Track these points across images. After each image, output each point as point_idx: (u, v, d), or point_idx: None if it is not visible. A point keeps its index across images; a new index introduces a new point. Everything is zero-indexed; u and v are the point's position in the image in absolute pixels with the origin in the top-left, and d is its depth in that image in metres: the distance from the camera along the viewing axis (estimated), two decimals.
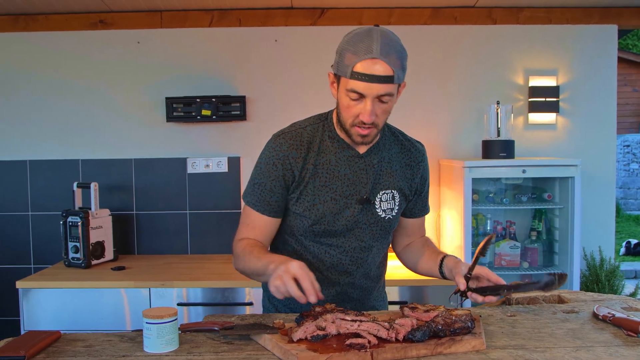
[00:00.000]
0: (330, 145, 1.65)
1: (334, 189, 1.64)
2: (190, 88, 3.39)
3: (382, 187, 1.69)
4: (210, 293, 2.85)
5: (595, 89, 3.43)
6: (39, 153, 3.44)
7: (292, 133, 1.65)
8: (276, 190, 1.64)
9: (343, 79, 1.52)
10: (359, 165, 1.66)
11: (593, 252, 3.33)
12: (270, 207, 1.65)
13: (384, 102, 1.51)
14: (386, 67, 1.46)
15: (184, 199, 3.45)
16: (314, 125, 1.68)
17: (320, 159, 1.64)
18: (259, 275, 1.57)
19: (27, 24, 3.38)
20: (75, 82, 3.42)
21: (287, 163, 1.62)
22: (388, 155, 1.71)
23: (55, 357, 1.31)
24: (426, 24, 3.43)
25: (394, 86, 1.50)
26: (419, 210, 1.84)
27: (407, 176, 1.74)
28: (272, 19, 3.42)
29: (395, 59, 1.48)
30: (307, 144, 1.64)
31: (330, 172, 1.64)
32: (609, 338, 1.39)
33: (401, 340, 1.30)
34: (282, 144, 1.63)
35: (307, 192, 1.63)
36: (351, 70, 1.48)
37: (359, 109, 1.51)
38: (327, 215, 1.64)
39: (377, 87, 1.47)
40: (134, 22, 3.40)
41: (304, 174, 1.63)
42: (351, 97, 1.51)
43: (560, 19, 3.40)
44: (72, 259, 3.10)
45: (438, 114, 3.44)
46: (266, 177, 1.64)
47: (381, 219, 1.70)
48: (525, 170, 2.93)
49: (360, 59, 1.46)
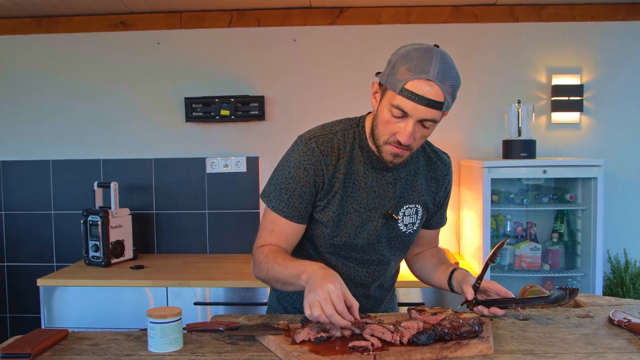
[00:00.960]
0: (360, 155, 1.58)
1: (358, 200, 1.58)
2: (209, 88, 3.40)
3: (406, 202, 1.63)
4: (227, 293, 2.86)
5: (621, 87, 3.34)
6: (62, 153, 3.50)
7: (323, 137, 1.56)
8: (306, 197, 1.56)
9: (389, 93, 1.44)
10: (386, 179, 1.60)
11: (618, 255, 3.25)
12: (298, 214, 1.57)
13: (425, 127, 1.45)
14: (439, 92, 1.39)
15: (203, 199, 3.47)
16: (345, 132, 1.59)
17: (350, 169, 1.57)
18: (285, 284, 1.49)
19: (50, 26, 3.44)
20: (96, 83, 3.47)
21: (320, 169, 1.54)
22: (415, 168, 1.65)
23: (61, 355, 1.32)
24: (446, 23, 3.38)
25: (439, 113, 1.43)
26: (436, 222, 1.79)
27: (432, 189, 1.69)
28: (290, 19, 3.42)
29: (449, 86, 1.41)
30: (337, 151, 1.56)
31: (357, 184, 1.58)
32: (623, 344, 1.34)
33: (405, 343, 1.28)
34: (314, 148, 1.54)
35: (334, 202, 1.57)
36: (402, 86, 1.40)
37: (399, 127, 1.44)
38: (349, 227, 1.59)
39: (424, 110, 1.40)
40: (154, 23, 3.43)
41: (333, 182, 1.56)
42: (394, 114, 1.43)
43: (585, 16, 3.32)
44: (92, 257, 3.14)
45: (458, 114, 3.39)
46: (296, 183, 1.55)
47: (402, 234, 1.65)
48: (546, 171, 2.87)
49: (414, 77, 1.38)
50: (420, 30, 3.37)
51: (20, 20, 3.44)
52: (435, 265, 1.76)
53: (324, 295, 1.29)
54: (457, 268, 1.66)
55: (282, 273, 1.48)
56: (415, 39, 1.70)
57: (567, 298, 1.49)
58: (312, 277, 1.36)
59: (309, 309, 1.30)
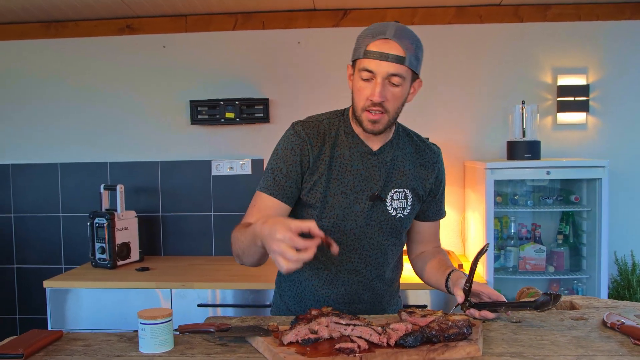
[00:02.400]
0: (345, 140, 1.66)
1: (345, 183, 1.64)
2: (214, 91, 3.43)
3: (394, 185, 1.68)
4: (231, 295, 2.87)
5: (627, 87, 3.31)
6: (69, 156, 3.54)
7: (310, 123, 1.67)
8: (292, 176, 1.63)
9: (357, 63, 1.56)
10: (371, 162, 1.66)
11: (625, 257, 3.21)
12: (283, 192, 1.62)
13: (394, 84, 1.53)
14: (398, 47, 1.50)
15: (209, 201, 3.49)
16: (331, 119, 1.69)
17: (335, 152, 1.65)
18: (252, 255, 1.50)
19: (58, 31, 3.49)
20: (103, 86, 3.51)
21: (305, 149, 1.63)
22: (402, 154, 1.70)
23: (54, 355, 1.33)
24: (450, 24, 3.38)
25: (405, 69, 1.52)
26: (433, 214, 1.81)
27: (421, 176, 1.73)
28: (295, 21, 3.43)
29: (408, 44, 1.52)
30: (323, 136, 1.65)
31: (343, 167, 1.64)
32: (614, 347, 1.33)
33: (393, 345, 1.28)
34: (300, 131, 1.64)
35: (320, 184, 1.63)
36: (364, 49, 1.53)
37: (370, 89, 1.53)
38: (336, 208, 1.64)
39: (387, 65, 1.50)
40: (160, 27, 3.46)
41: (318, 164, 1.63)
42: (363, 77, 1.54)
43: (590, 16, 3.29)
44: (98, 259, 3.17)
45: (463, 115, 3.38)
46: (283, 162, 1.63)
47: (392, 217, 1.68)
48: (549, 172, 2.85)
49: (374, 39, 1.52)
50: (424, 31, 3.32)
51: (29, 25, 3.49)
52: (435, 266, 1.76)
53: (279, 248, 1.28)
54: (454, 270, 1.66)
55: (244, 243, 1.50)
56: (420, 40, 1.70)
57: (550, 304, 1.48)
58: (263, 238, 1.35)
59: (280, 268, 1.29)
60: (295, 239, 1.28)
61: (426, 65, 3.32)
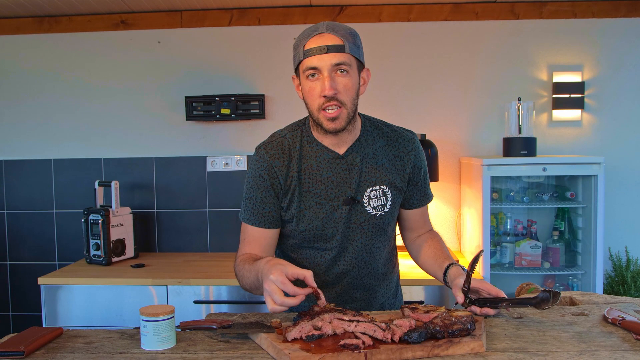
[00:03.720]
0: (310, 150, 1.64)
1: (317, 193, 1.63)
2: (209, 87, 3.41)
3: (368, 185, 1.65)
4: (227, 291, 2.86)
5: (623, 84, 3.33)
6: (63, 152, 3.51)
7: (272, 143, 1.65)
8: (267, 201, 1.64)
9: (300, 67, 1.55)
10: (341, 167, 1.64)
11: (619, 253, 3.23)
12: (264, 219, 1.65)
13: (342, 72, 1.51)
14: (334, 37, 1.51)
15: (204, 197, 3.48)
16: (293, 132, 1.67)
17: (302, 165, 1.63)
18: (257, 289, 1.54)
19: (52, 26, 3.45)
20: (97, 82, 3.48)
21: (273, 172, 1.62)
22: (372, 150, 1.67)
23: (55, 353, 1.32)
24: (446, 20, 3.37)
25: (347, 56, 1.51)
26: (418, 200, 1.77)
27: (398, 168, 1.69)
28: (291, 17, 3.42)
29: (343, 33, 1.52)
30: (288, 152, 1.63)
31: (312, 177, 1.63)
32: (616, 342, 1.34)
33: (397, 341, 1.28)
34: (264, 155, 1.64)
35: (294, 200, 1.63)
36: (302, 50, 1.52)
37: (320, 86, 1.51)
38: (314, 220, 1.63)
39: (329, 57, 1.50)
40: (155, 22, 3.43)
41: (289, 182, 1.63)
42: (309, 76, 1.52)
43: (586, 13, 3.30)
44: (93, 256, 3.15)
45: (459, 112, 3.39)
46: (255, 190, 1.64)
47: (372, 217, 1.66)
48: (545, 168, 2.86)
49: (309, 38, 1.52)
50: (420, 27, 3.36)
51: (22, 20, 3.46)
52: (431, 256, 1.75)
53: (270, 288, 1.36)
54: (452, 264, 1.66)
55: (250, 279, 1.55)
56: (416, 37, 1.72)
57: (550, 301, 1.48)
58: (261, 276, 1.43)
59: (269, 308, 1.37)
60: (286, 284, 1.36)
61: (422, 62, 3.36)
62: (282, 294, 1.35)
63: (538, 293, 1.54)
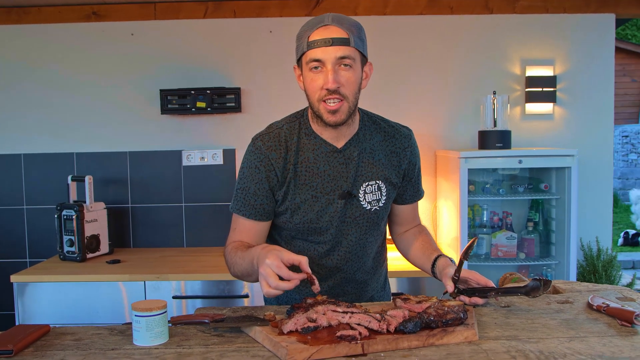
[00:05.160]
0: (307, 143, 1.63)
1: (314, 186, 1.62)
2: (184, 80, 3.37)
3: (365, 179, 1.65)
4: (206, 286, 2.84)
5: (593, 78, 3.41)
6: (34, 146, 3.42)
7: (269, 134, 1.63)
8: (260, 193, 1.62)
9: (303, 58, 1.53)
10: (338, 160, 1.63)
11: (590, 243, 3.32)
12: (255, 211, 1.64)
13: (345, 68, 1.51)
14: (339, 30, 1.49)
15: (179, 192, 3.43)
16: (291, 124, 1.65)
17: (299, 158, 1.62)
18: (250, 276, 1.54)
19: (20, 17, 3.36)
20: (69, 74, 3.40)
21: (269, 164, 1.61)
22: (369, 145, 1.67)
23: (44, 351, 1.29)
24: (422, 14, 3.40)
25: (352, 50, 1.50)
26: (410, 196, 1.79)
27: (394, 163, 1.70)
28: (267, 10, 3.40)
29: (349, 26, 1.51)
30: (285, 144, 1.62)
31: (309, 170, 1.62)
32: (603, 328, 1.38)
33: (392, 331, 1.29)
34: (260, 146, 1.62)
35: (289, 192, 1.62)
36: (307, 42, 1.50)
37: (322, 79, 1.50)
38: (309, 213, 1.63)
39: (333, 49, 1.48)
40: (128, 14, 3.37)
41: (285, 174, 1.62)
42: (312, 68, 1.51)
43: (557, 8, 3.37)
44: (67, 252, 3.09)
45: (435, 105, 3.42)
46: (249, 181, 1.63)
47: (367, 212, 1.67)
48: (521, 161, 2.91)
49: (314, 29, 1.50)
50: (396, 21, 3.38)
51: None
52: (419, 248, 1.77)
53: (266, 272, 1.37)
54: (440, 255, 1.68)
55: (243, 265, 1.55)
56: (392, 30, 1.73)
57: (541, 289, 1.52)
58: (257, 261, 1.43)
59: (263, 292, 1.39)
60: (281, 267, 1.37)
61: (398, 55, 3.38)
62: (277, 277, 1.36)
63: (525, 282, 1.57)
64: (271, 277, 1.36)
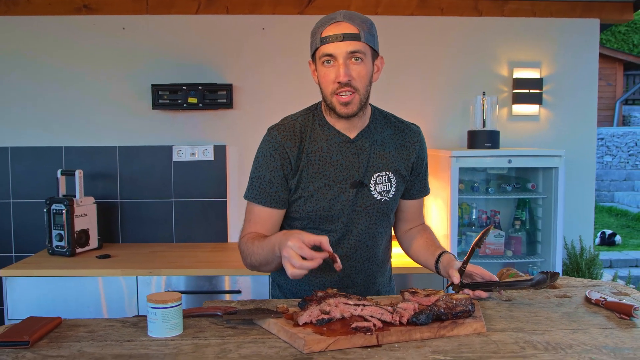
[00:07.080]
0: (321, 133, 1.68)
1: (327, 175, 1.66)
2: (176, 75, 3.36)
3: (376, 170, 1.70)
4: (198, 281, 2.85)
5: (577, 81, 3.50)
6: (21, 140, 3.38)
7: (284, 125, 1.70)
8: (275, 181, 1.66)
9: (317, 53, 1.60)
10: (350, 150, 1.68)
11: (573, 242, 3.41)
12: (270, 198, 1.67)
13: (356, 62, 1.57)
14: (351, 26, 1.56)
15: (170, 187, 3.43)
16: (305, 116, 1.72)
17: (312, 147, 1.67)
18: (269, 264, 1.58)
19: (9, 8, 3.31)
20: (58, 67, 3.37)
21: (284, 152, 1.66)
22: (380, 137, 1.73)
23: (60, 342, 1.30)
24: (413, 15, 3.45)
25: (362, 44, 1.57)
26: (418, 191, 1.84)
27: (403, 157, 1.75)
28: (260, 7, 3.41)
29: (360, 22, 1.57)
30: (299, 134, 1.68)
31: (322, 159, 1.67)
32: (603, 321, 1.43)
33: (405, 323, 1.33)
34: (276, 135, 1.67)
35: (302, 181, 1.66)
36: (320, 38, 1.57)
37: (334, 72, 1.57)
38: (321, 201, 1.67)
39: (345, 44, 1.55)
40: (119, 8, 3.35)
41: (299, 163, 1.66)
42: (325, 62, 1.58)
43: (545, 12, 3.45)
44: (56, 247, 3.06)
45: (425, 105, 3.47)
46: (265, 169, 1.67)
47: (377, 202, 1.71)
48: (511, 160, 2.98)
49: (326, 26, 1.57)
50: (387, 21, 3.42)
51: None
52: (423, 245, 1.82)
53: (289, 253, 1.41)
54: (444, 252, 1.72)
55: (262, 254, 1.58)
56: (383, 30, 1.80)
57: (547, 281, 1.57)
58: (279, 247, 1.47)
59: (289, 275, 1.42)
60: (303, 248, 1.41)
61: (388, 55, 3.37)
62: (300, 258, 1.40)
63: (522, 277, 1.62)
64: (294, 257, 1.40)
